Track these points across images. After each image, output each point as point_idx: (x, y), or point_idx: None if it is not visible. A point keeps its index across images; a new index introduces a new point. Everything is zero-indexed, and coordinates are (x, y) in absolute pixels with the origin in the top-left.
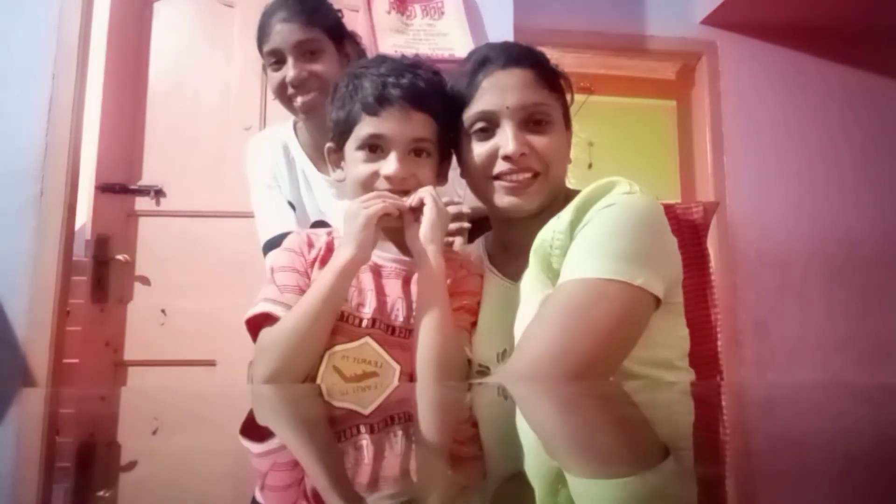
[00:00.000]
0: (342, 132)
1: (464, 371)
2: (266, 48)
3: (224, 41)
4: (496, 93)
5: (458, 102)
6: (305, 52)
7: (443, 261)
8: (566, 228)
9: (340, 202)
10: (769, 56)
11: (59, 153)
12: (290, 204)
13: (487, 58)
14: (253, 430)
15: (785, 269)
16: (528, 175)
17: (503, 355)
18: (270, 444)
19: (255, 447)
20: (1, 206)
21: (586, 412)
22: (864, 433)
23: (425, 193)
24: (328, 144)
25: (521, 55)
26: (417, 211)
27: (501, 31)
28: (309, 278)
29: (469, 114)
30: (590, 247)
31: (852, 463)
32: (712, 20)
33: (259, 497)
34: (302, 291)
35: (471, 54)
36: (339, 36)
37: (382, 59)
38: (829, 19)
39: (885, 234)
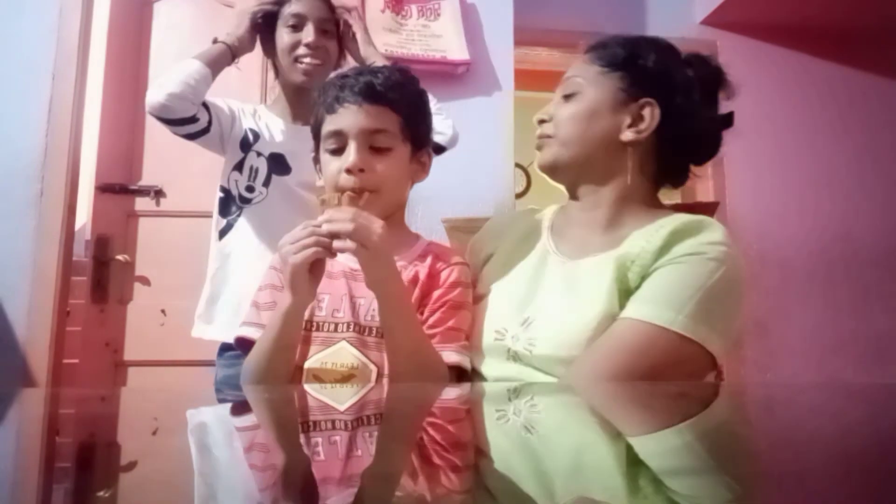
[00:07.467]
0: (315, 137)
1: (437, 370)
2: (290, 10)
3: None
4: None
5: None
6: (322, 28)
7: (401, 282)
8: (655, 251)
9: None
10: (769, 56)
11: (59, 153)
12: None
13: None
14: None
15: (785, 269)
16: None
17: (526, 322)
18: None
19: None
20: (1, 206)
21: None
22: (863, 433)
23: (343, 245)
24: (312, 155)
25: None
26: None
27: (501, 31)
28: None
29: None
30: (675, 294)
31: (852, 463)
32: (712, 20)
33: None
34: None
35: None
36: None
37: (353, 68)
38: (829, 19)
39: (885, 234)
